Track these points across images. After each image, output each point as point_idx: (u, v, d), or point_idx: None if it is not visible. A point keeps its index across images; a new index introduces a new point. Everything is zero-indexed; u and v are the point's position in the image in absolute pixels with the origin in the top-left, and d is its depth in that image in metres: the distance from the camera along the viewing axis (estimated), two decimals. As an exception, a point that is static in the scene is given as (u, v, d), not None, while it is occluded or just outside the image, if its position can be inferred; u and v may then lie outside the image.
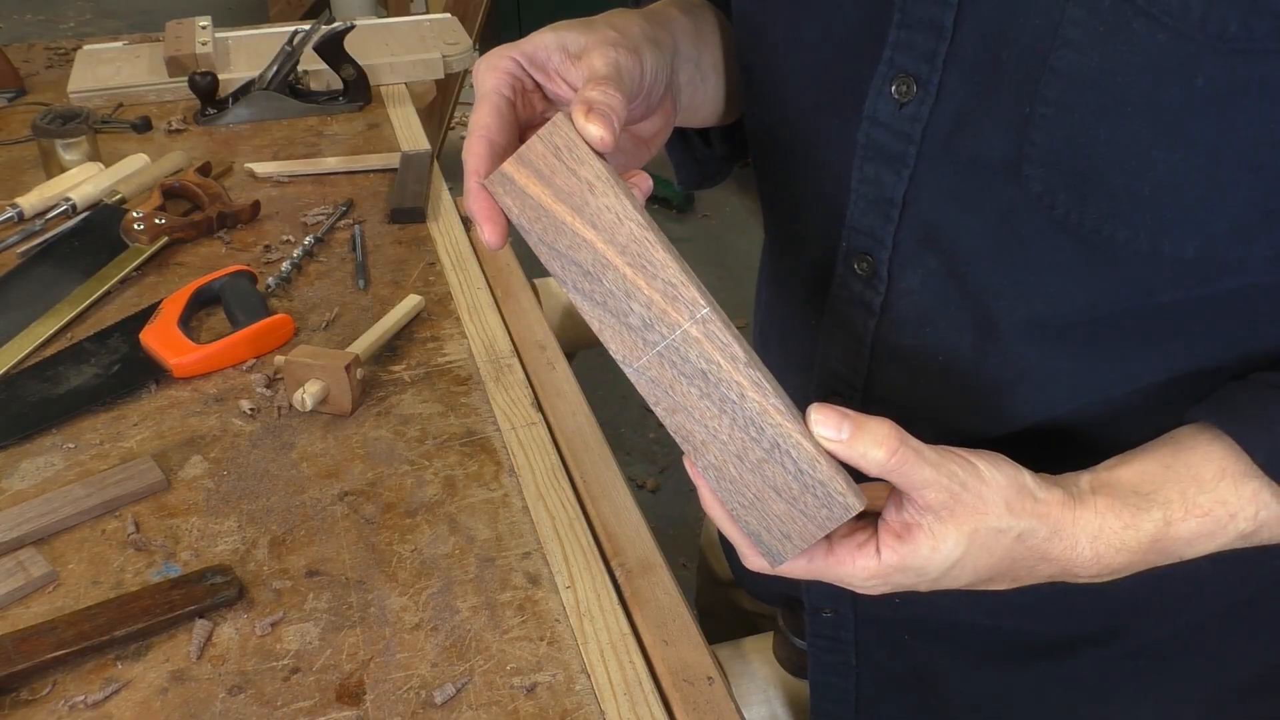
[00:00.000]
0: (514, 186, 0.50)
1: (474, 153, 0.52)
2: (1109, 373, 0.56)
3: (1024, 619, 0.69)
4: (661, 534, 0.83)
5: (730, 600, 1.00)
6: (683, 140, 0.79)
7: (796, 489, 0.47)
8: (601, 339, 0.50)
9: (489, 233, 0.51)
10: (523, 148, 0.49)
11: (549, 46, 0.55)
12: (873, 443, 0.47)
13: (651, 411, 0.50)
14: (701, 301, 0.48)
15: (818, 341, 0.66)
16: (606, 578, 0.76)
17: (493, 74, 0.55)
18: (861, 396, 0.65)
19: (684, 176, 0.81)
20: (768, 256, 0.79)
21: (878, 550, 0.49)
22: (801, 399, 0.50)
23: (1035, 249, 0.54)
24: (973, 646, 0.72)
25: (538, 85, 0.56)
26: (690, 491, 1.91)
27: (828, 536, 0.50)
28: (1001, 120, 0.51)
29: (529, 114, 0.57)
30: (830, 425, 0.47)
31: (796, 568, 0.50)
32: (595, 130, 0.48)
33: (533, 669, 0.69)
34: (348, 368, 0.88)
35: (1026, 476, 0.51)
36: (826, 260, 0.63)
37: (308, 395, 0.87)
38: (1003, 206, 0.53)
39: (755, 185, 0.74)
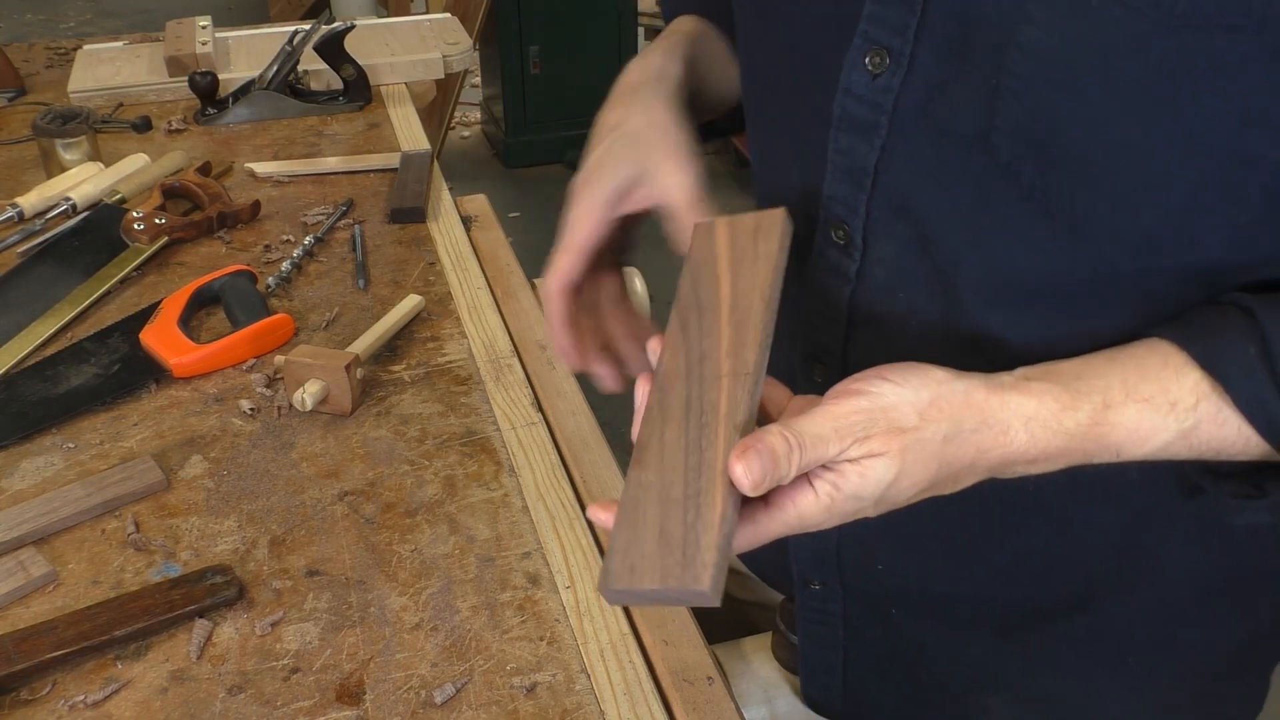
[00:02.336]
0: (710, 231, 0.60)
1: (554, 306, 0.66)
2: (1073, 337, 0.57)
3: (1005, 586, 0.70)
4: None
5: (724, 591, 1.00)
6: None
7: (675, 539, 0.48)
8: (659, 343, 0.57)
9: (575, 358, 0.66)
10: (737, 215, 0.60)
11: (639, 201, 0.65)
12: (774, 454, 0.47)
13: None
14: (751, 365, 0.52)
15: (799, 311, 0.67)
16: (606, 578, 0.76)
17: (583, 229, 0.65)
18: (840, 363, 0.66)
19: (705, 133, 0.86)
20: None
21: (813, 487, 0.50)
22: (785, 368, 0.52)
23: (1001, 217, 0.55)
24: (958, 618, 0.73)
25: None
26: (690, 491, 1.85)
27: (764, 497, 0.50)
28: (971, 93, 0.53)
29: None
30: (749, 481, 0.47)
31: (745, 539, 0.50)
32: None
33: (533, 669, 0.69)
34: (348, 368, 0.88)
35: (939, 376, 0.51)
36: (808, 229, 0.64)
37: (307, 395, 0.87)
38: (972, 176, 0.55)
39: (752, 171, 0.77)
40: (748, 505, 0.50)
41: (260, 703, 0.66)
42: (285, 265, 1.08)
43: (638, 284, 1.23)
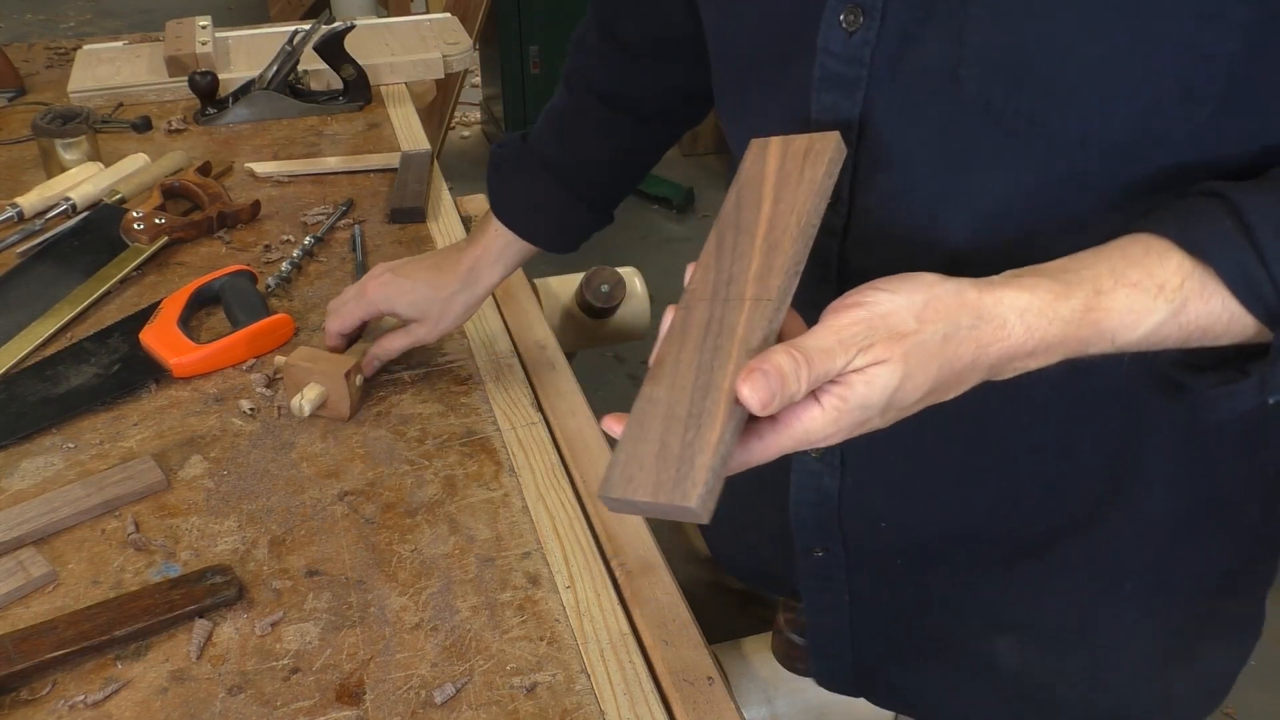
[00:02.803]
0: (763, 150, 0.60)
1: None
2: (1046, 251, 0.58)
3: (1005, 519, 0.71)
4: (661, 534, 0.83)
5: (714, 580, 1.00)
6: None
7: (673, 455, 0.49)
8: (693, 266, 0.57)
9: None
10: (792, 136, 0.60)
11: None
12: (782, 373, 0.48)
13: None
14: (774, 292, 0.53)
15: None
16: (606, 578, 0.76)
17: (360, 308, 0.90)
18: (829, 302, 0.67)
19: (557, 244, 0.92)
20: None
21: (819, 402, 0.50)
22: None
23: (975, 150, 0.57)
24: (961, 558, 0.74)
25: None
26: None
27: (774, 416, 0.51)
28: (939, 32, 0.55)
29: None
30: (756, 401, 0.48)
31: (753, 455, 0.51)
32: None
33: (533, 669, 0.69)
34: (347, 374, 0.88)
35: (930, 280, 0.53)
36: None
37: (305, 401, 0.87)
38: (944, 113, 0.57)
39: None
40: (755, 423, 0.51)
41: (260, 703, 0.66)
42: (285, 265, 1.08)
43: (638, 284, 1.23)
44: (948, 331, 0.51)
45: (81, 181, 1.23)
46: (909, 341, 0.50)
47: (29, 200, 1.19)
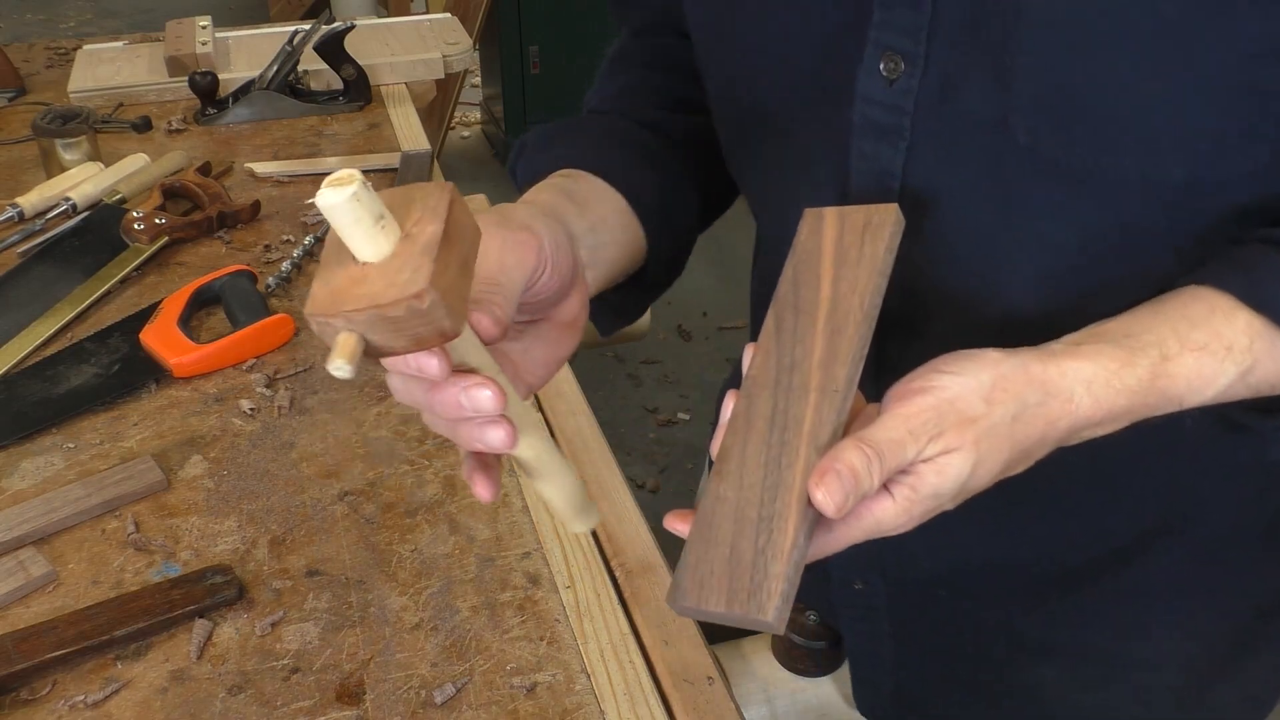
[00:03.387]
0: (818, 222, 0.57)
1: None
2: (1108, 298, 0.57)
3: (1053, 549, 0.70)
4: (661, 534, 0.82)
5: None
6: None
7: (746, 562, 0.48)
8: (752, 349, 0.55)
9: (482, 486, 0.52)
10: (849, 207, 0.56)
11: None
12: (855, 473, 0.47)
13: (651, 412, 0.51)
14: (841, 382, 0.51)
15: None
16: (606, 578, 0.76)
17: None
18: (873, 369, 0.65)
19: (602, 325, 0.76)
20: (764, 258, 0.79)
21: (890, 494, 0.49)
22: None
23: (1028, 198, 0.56)
24: (1008, 587, 0.73)
25: None
26: (690, 491, 1.91)
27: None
28: (985, 77, 0.54)
29: None
30: (832, 506, 0.47)
31: (821, 549, 0.50)
32: (481, 318, 0.47)
33: (533, 669, 0.69)
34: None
35: (993, 358, 0.51)
36: None
37: (340, 359, 0.48)
38: (993, 160, 0.55)
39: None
40: (824, 517, 0.49)
41: (260, 703, 0.66)
42: (285, 265, 1.08)
43: None
44: (1016, 412, 0.50)
45: (82, 181, 1.23)
46: (979, 427, 0.49)
47: (29, 200, 1.19)
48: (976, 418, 0.49)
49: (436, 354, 0.45)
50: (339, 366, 0.41)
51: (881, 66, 0.57)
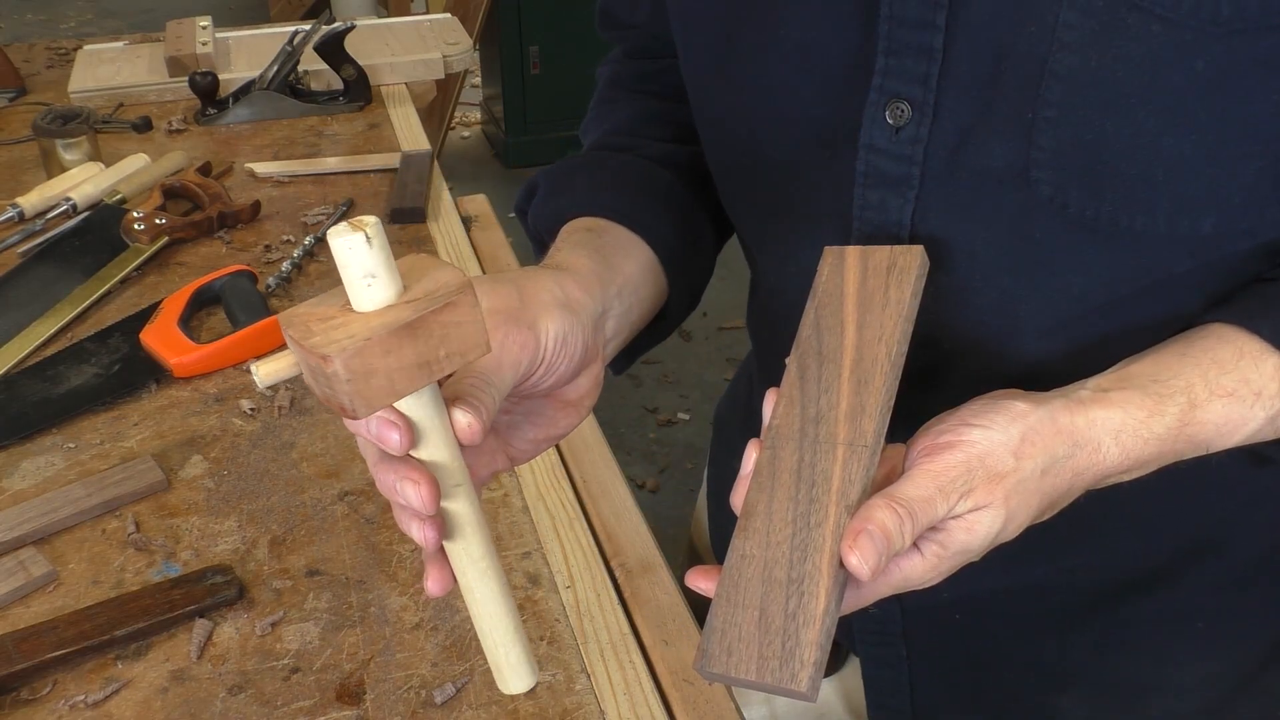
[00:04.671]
0: (840, 261, 0.56)
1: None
2: (1129, 338, 0.57)
3: (1073, 576, 0.69)
4: (661, 534, 0.83)
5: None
6: None
7: (777, 627, 0.47)
8: (775, 396, 0.53)
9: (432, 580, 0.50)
10: (872, 247, 0.55)
11: None
12: (887, 534, 0.46)
13: (651, 412, 0.51)
14: (870, 437, 0.50)
15: None
16: (606, 578, 0.76)
17: None
18: (894, 416, 0.65)
19: (616, 367, 0.72)
20: (759, 299, 0.76)
21: (919, 550, 0.49)
22: None
23: (1051, 250, 0.54)
24: (1024, 612, 0.72)
25: None
26: (690, 491, 1.90)
27: None
28: (1005, 129, 0.52)
29: None
30: (867, 570, 0.46)
31: (849, 604, 0.49)
32: (462, 418, 0.46)
33: (533, 669, 0.69)
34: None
35: (1021, 409, 0.50)
36: None
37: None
38: (1013, 213, 0.54)
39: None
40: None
41: (260, 703, 0.66)
42: (285, 265, 1.08)
43: None
44: (1046, 465, 0.50)
45: (82, 182, 1.23)
46: (1009, 482, 0.49)
47: (30, 200, 1.19)
48: (1006, 473, 0.49)
49: (397, 429, 0.44)
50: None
51: (887, 114, 0.55)
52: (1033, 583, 0.70)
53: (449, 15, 1.78)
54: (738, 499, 0.51)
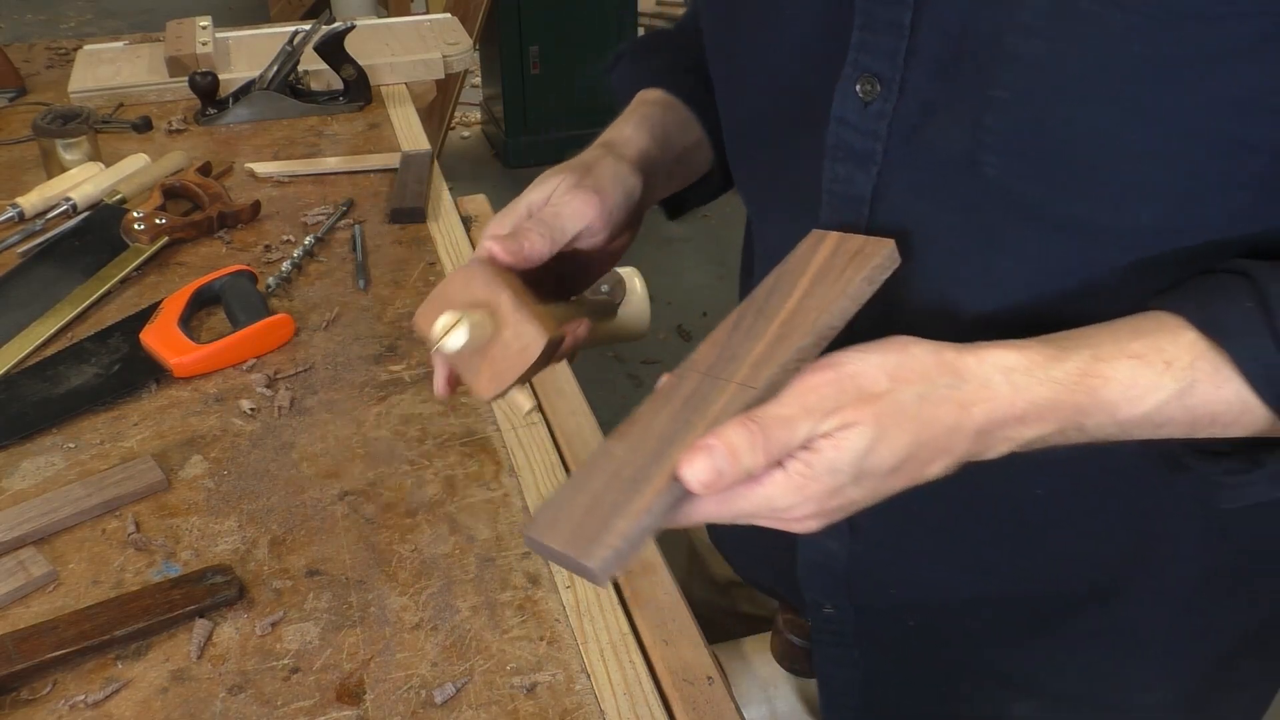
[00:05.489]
0: (817, 242, 0.58)
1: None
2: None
3: (1020, 588, 0.69)
4: (661, 534, 0.82)
5: (729, 605, 1.00)
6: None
7: (599, 514, 0.49)
8: (713, 333, 0.56)
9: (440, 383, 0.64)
10: (851, 235, 0.58)
11: (537, 204, 0.66)
12: (735, 446, 0.46)
13: None
14: (761, 383, 0.51)
15: None
16: (606, 578, 0.76)
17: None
18: None
19: (671, 213, 0.87)
20: (751, 258, 0.80)
21: (783, 466, 0.48)
22: None
23: (999, 237, 0.54)
24: (977, 623, 0.73)
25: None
26: (690, 491, 1.83)
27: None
28: (961, 109, 0.53)
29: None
30: (697, 482, 0.47)
31: (706, 510, 0.49)
32: (493, 246, 0.61)
33: (533, 669, 0.69)
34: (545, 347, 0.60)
35: (907, 340, 0.50)
36: None
37: (449, 336, 0.58)
38: (964, 196, 0.54)
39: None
40: None
41: (260, 702, 0.66)
42: (285, 265, 1.08)
43: (638, 284, 1.23)
44: (923, 392, 0.48)
45: (82, 182, 1.23)
46: (881, 403, 0.48)
47: (30, 200, 1.19)
48: (879, 394, 0.48)
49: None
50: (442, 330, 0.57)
51: (858, 88, 0.56)
52: (982, 595, 0.70)
53: (449, 15, 1.78)
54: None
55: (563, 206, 0.64)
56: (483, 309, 0.59)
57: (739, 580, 0.93)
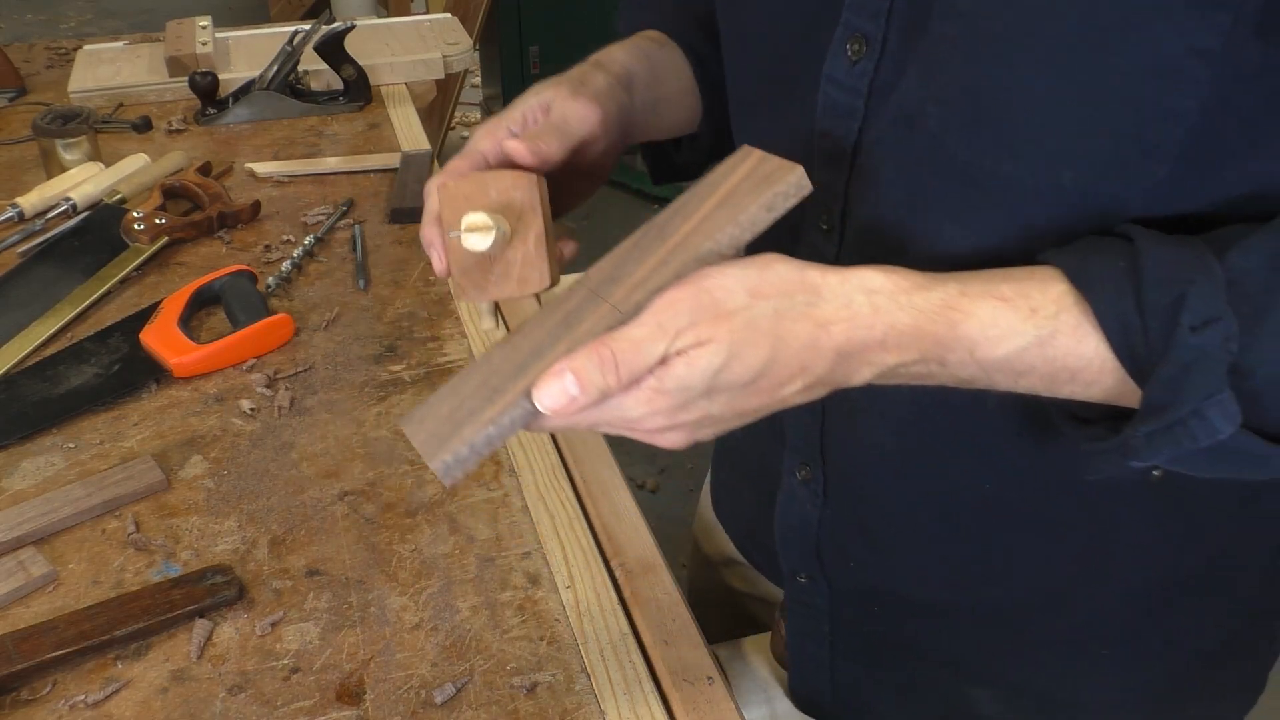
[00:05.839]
0: (740, 160, 0.56)
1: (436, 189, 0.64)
2: None
3: (975, 585, 0.70)
4: (661, 534, 0.83)
5: (722, 582, 1.00)
6: (655, 145, 0.85)
7: (457, 418, 0.51)
8: (618, 246, 0.56)
9: (436, 258, 0.62)
10: (771, 156, 0.56)
11: (534, 109, 0.68)
12: (587, 373, 0.48)
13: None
14: (629, 306, 0.51)
15: None
16: (606, 578, 0.76)
17: (487, 138, 0.67)
18: None
19: (657, 173, 0.87)
20: None
21: (637, 385, 0.49)
22: None
23: (932, 194, 0.55)
24: (940, 617, 0.74)
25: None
26: (690, 491, 1.91)
27: None
28: (919, 67, 0.54)
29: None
30: (548, 410, 0.49)
31: (559, 419, 0.50)
32: (515, 145, 0.62)
33: (533, 669, 0.69)
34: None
35: (772, 257, 0.51)
36: (798, 216, 0.63)
37: (476, 235, 0.57)
38: (911, 152, 0.55)
39: None
40: None
41: (260, 703, 0.66)
42: (285, 265, 1.08)
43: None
44: (780, 307, 0.49)
45: (82, 181, 1.23)
46: (737, 320, 0.48)
47: (29, 200, 1.19)
48: (735, 310, 0.48)
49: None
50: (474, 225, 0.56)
51: (848, 48, 0.57)
52: (941, 590, 0.72)
53: (449, 15, 1.78)
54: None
55: (569, 112, 0.65)
56: (511, 216, 0.59)
57: (738, 559, 0.94)
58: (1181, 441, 0.47)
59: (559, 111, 0.66)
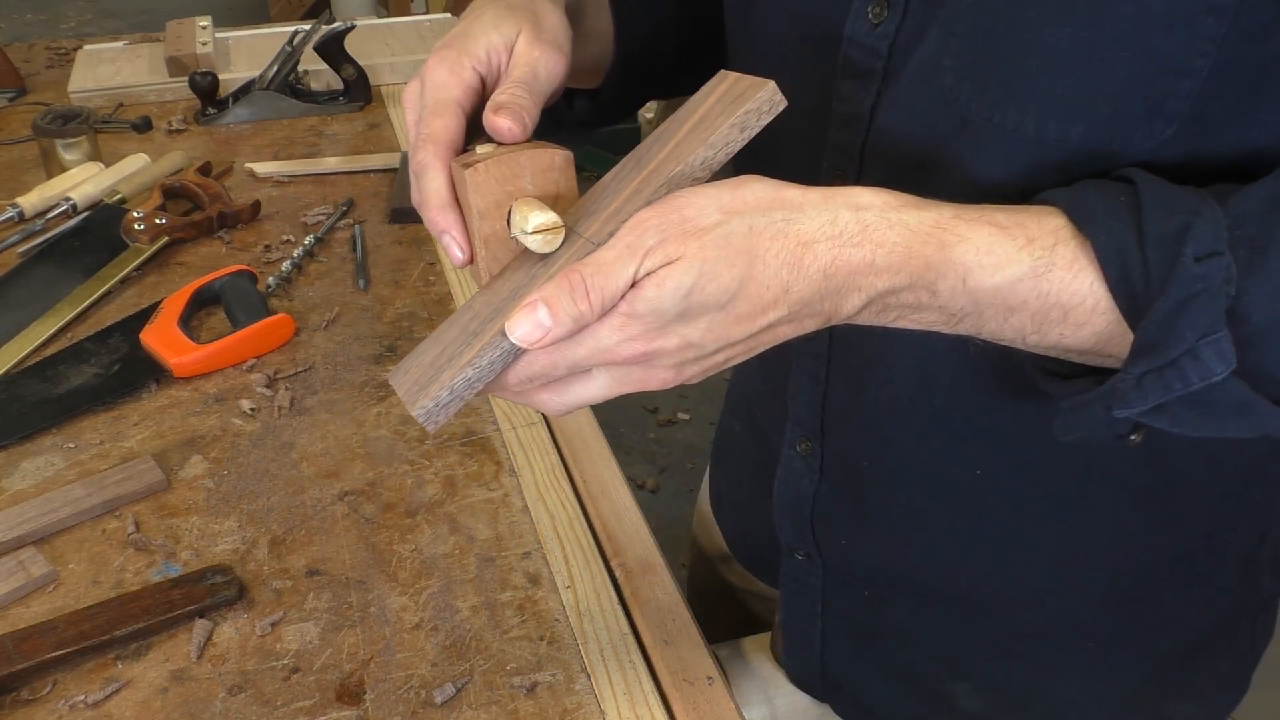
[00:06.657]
0: (717, 83, 0.53)
1: (433, 163, 0.57)
2: None
3: (961, 571, 0.71)
4: (661, 534, 0.83)
5: (721, 577, 1.01)
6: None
7: (439, 365, 0.51)
8: (599, 182, 0.55)
9: (458, 248, 0.56)
10: (748, 76, 0.52)
11: (498, 48, 0.60)
12: (558, 300, 0.46)
13: (651, 412, 0.53)
14: (603, 238, 0.49)
15: None
16: (606, 578, 0.76)
17: (457, 84, 0.59)
18: None
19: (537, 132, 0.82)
20: None
21: (610, 312, 0.47)
22: None
23: (949, 149, 0.55)
24: (925, 607, 0.74)
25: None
26: (690, 491, 1.91)
27: None
28: (938, 24, 0.54)
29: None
30: (523, 341, 0.47)
31: (540, 362, 0.48)
32: (504, 123, 0.55)
33: (533, 669, 0.69)
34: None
35: (745, 179, 0.49)
36: (811, 175, 0.63)
37: (533, 228, 0.53)
38: (928, 110, 0.55)
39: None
40: None
41: (260, 703, 0.66)
42: (285, 265, 1.08)
43: None
44: (756, 224, 0.46)
45: (82, 181, 1.23)
46: (708, 236, 0.46)
47: (29, 200, 1.19)
48: (707, 227, 0.46)
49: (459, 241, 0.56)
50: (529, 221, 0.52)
51: (870, 11, 0.57)
52: (929, 577, 0.72)
53: (449, 15, 1.78)
54: None
55: (539, 66, 0.59)
56: (549, 203, 0.55)
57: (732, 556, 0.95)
58: (1173, 385, 0.45)
59: (526, 62, 0.59)
